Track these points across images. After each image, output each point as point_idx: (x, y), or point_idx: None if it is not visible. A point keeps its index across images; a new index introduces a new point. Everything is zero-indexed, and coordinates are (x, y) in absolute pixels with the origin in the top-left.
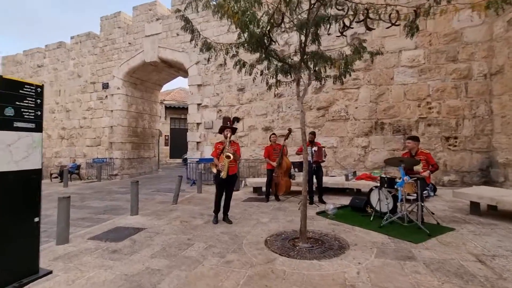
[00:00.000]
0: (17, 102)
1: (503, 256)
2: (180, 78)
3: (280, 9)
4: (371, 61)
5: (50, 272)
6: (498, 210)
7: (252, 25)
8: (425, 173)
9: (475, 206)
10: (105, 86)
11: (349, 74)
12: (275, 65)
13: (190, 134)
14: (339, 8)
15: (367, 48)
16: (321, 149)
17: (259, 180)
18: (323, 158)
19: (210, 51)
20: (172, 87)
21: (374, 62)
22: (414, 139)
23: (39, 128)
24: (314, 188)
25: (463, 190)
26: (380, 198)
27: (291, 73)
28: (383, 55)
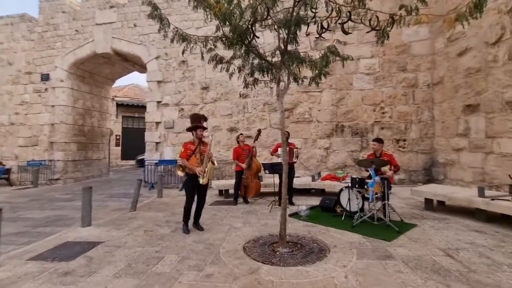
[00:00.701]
0: None
1: (465, 249)
2: (134, 74)
3: (266, 2)
4: (342, 66)
5: None
6: (446, 206)
7: (235, 18)
8: (389, 173)
9: (429, 203)
10: (45, 78)
11: (325, 77)
12: (251, 63)
13: (149, 134)
14: (314, 12)
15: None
16: (292, 150)
17: (227, 182)
18: (294, 159)
19: (186, 43)
20: (124, 83)
21: (335, 68)
22: (379, 141)
23: None
24: None
25: (419, 188)
26: (350, 198)
27: (269, 72)
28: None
